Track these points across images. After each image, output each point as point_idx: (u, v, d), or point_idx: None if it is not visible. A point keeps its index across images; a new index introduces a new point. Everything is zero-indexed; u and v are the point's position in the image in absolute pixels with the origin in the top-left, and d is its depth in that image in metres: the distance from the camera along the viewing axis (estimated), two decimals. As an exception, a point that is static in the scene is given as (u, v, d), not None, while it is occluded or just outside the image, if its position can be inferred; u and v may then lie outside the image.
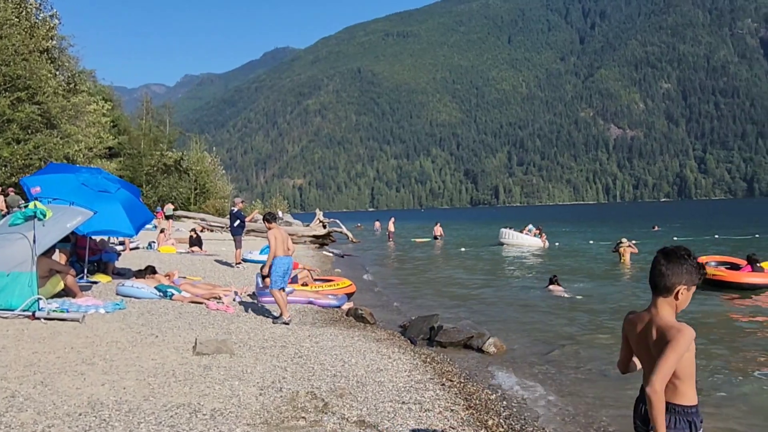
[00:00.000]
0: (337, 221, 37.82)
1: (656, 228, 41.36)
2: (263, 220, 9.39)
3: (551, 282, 14.26)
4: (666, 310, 2.71)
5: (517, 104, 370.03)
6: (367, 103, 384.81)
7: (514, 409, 5.80)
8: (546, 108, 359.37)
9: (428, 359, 7.36)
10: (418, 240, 37.56)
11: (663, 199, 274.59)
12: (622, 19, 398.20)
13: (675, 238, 31.28)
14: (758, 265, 13.67)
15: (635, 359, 2.94)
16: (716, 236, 31.85)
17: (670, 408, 2.63)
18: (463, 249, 29.44)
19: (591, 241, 30.69)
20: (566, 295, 13.49)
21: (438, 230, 37.98)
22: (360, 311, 10.06)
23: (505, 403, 5.95)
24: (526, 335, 9.47)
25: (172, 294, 10.16)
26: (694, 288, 2.73)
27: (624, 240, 21.03)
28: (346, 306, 11.07)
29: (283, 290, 8.89)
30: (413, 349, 7.94)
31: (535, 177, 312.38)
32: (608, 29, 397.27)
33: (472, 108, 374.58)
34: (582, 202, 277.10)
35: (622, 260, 20.18)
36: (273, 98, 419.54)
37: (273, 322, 8.83)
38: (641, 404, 2.78)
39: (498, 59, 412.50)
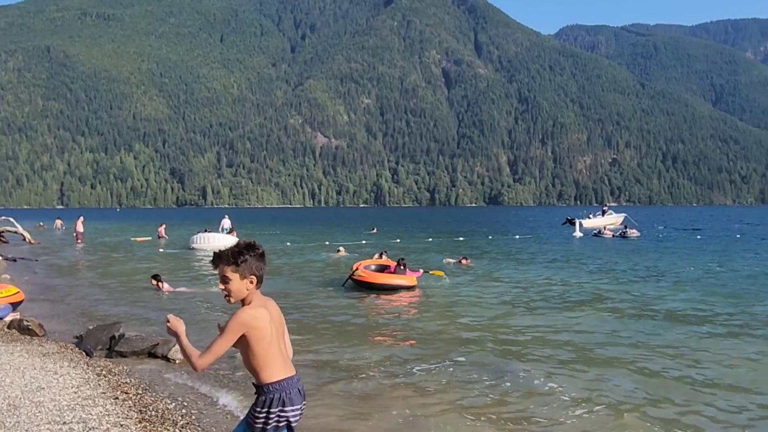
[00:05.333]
0: (11, 219, 32.98)
1: (375, 230, 45.46)
2: None
3: (157, 281, 14.50)
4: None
5: (228, 105, 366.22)
6: (57, 87, 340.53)
7: (194, 417, 5.63)
8: (257, 111, 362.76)
9: (104, 372, 6.77)
10: (138, 239, 35.52)
11: (362, 205, 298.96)
12: (330, 34, 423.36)
13: (398, 240, 34.27)
14: (401, 267, 15.19)
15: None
16: (397, 240, 35.74)
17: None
18: (161, 250, 28.63)
19: (288, 243, 31.86)
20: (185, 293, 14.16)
21: (162, 231, 37.06)
22: (26, 322, 8.82)
23: (184, 411, 5.74)
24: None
25: None
26: None
27: (341, 248, 25.20)
28: (9, 317, 9.60)
29: None
30: (87, 362, 7.23)
31: (244, 179, 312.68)
32: (317, 42, 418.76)
33: (181, 104, 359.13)
34: (290, 206, 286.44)
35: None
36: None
37: None
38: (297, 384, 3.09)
39: (209, 57, 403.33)
